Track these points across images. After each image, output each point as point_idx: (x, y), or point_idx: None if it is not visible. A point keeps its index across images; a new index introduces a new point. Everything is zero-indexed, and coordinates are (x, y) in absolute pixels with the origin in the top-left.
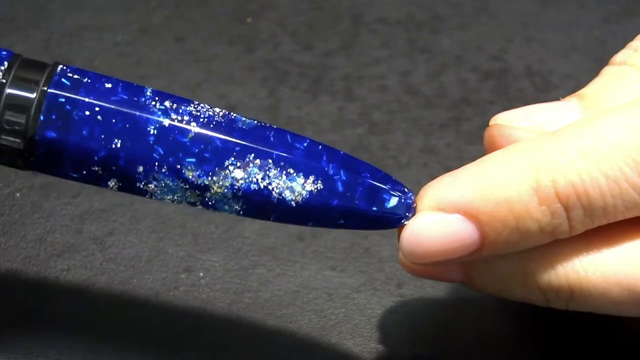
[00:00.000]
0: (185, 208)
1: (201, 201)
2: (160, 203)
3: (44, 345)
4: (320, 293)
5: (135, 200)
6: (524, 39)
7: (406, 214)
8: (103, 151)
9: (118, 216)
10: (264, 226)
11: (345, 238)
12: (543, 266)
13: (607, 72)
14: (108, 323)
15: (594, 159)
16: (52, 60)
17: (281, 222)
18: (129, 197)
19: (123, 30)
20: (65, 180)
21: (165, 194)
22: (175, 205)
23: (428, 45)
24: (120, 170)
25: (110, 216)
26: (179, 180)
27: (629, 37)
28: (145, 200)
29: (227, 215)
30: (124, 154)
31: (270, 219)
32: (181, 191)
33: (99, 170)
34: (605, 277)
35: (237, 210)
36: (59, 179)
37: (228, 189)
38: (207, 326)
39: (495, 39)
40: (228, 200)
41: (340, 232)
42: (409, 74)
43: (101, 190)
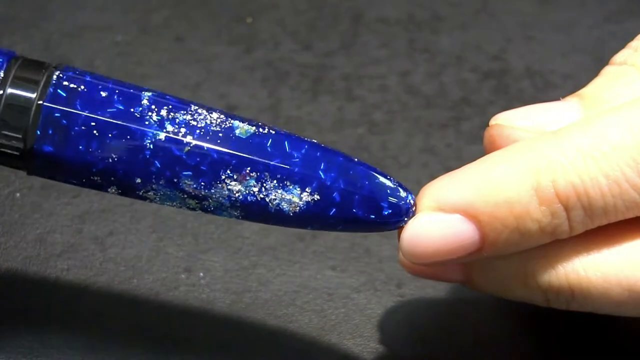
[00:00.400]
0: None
1: (200, 207)
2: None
3: (44, 345)
4: (320, 293)
5: (136, 200)
6: (524, 39)
7: (405, 216)
8: (100, 164)
9: (118, 216)
10: (264, 226)
11: (345, 238)
12: (543, 266)
13: (607, 72)
14: (108, 323)
15: (594, 159)
16: (52, 60)
17: (280, 226)
18: (129, 198)
19: (123, 30)
20: None
21: (164, 201)
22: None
23: (428, 45)
24: (119, 180)
25: (110, 216)
26: (177, 190)
27: (629, 37)
28: None
29: None
30: (121, 167)
31: (269, 223)
32: (180, 199)
33: (97, 180)
34: (605, 277)
35: (236, 216)
36: None
37: (226, 200)
38: (207, 326)
39: (495, 39)
40: (226, 208)
41: (340, 233)
42: (409, 74)
43: None
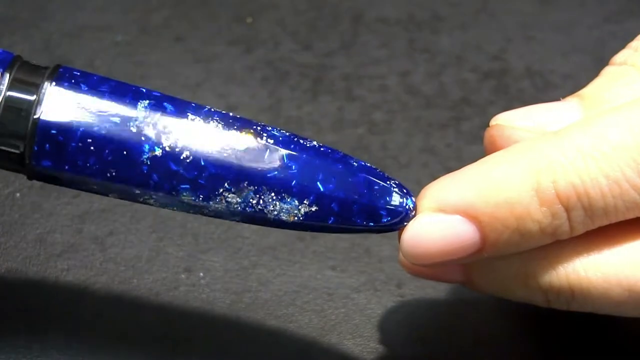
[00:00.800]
0: None
1: (200, 214)
2: None
3: (44, 345)
4: (320, 293)
5: None
6: (524, 39)
7: (405, 221)
8: (99, 177)
9: (118, 216)
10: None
11: (345, 238)
12: (544, 267)
13: (608, 72)
14: (108, 323)
15: (594, 159)
16: (52, 60)
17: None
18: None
19: (123, 30)
20: None
21: (164, 207)
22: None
23: (428, 45)
24: (119, 189)
25: (110, 216)
26: (177, 200)
27: (629, 37)
28: None
29: None
30: (119, 180)
31: (268, 227)
32: (180, 206)
33: (97, 189)
34: (605, 278)
35: (236, 221)
36: None
37: (225, 209)
38: (207, 326)
39: (495, 39)
40: (226, 215)
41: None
42: (409, 74)
43: None
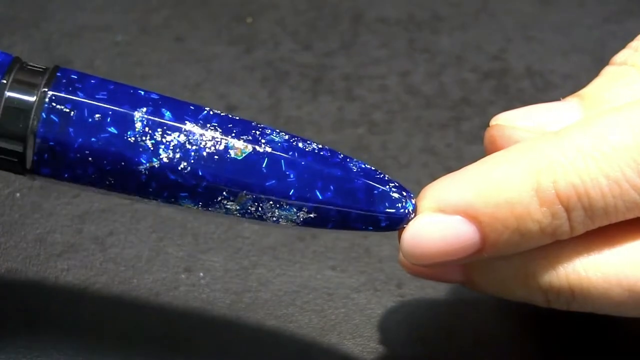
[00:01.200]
0: None
1: (202, 214)
2: None
3: (44, 345)
4: (320, 293)
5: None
6: (524, 39)
7: (404, 223)
8: (99, 184)
9: (118, 216)
10: (264, 226)
11: (345, 238)
12: (544, 267)
13: (608, 72)
14: (108, 323)
15: (594, 159)
16: (52, 60)
17: None
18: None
19: (123, 30)
20: None
21: (165, 206)
22: None
23: (428, 45)
24: (119, 194)
25: (110, 216)
26: (176, 205)
27: (629, 37)
28: None
29: None
30: (118, 188)
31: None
32: (180, 209)
33: (98, 191)
34: (605, 278)
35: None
36: None
37: (224, 213)
38: (207, 326)
39: (495, 39)
40: (227, 217)
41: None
42: (409, 74)
43: None
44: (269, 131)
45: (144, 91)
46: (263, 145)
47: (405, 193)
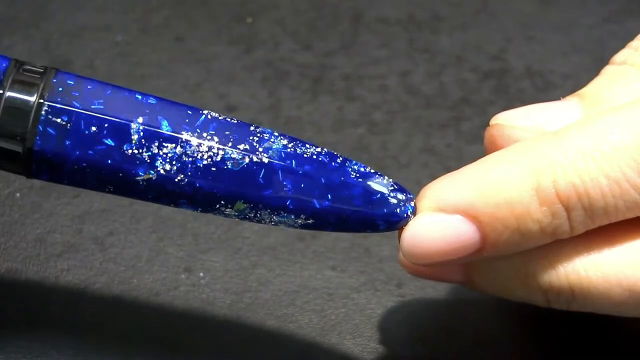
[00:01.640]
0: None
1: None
2: None
3: (44, 345)
4: (320, 293)
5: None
6: (524, 39)
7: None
8: (98, 190)
9: (118, 216)
10: (264, 226)
11: (345, 238)
12: (544, 267)
13: (608, 72)
14: (108, 323)
15: (594, 159)
16: (52, 61)
17: None
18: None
19: (123, 30)
20: None
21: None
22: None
23: (428, 45)
24: (119, 196)
25: (110, 216)
26: (177, 208)
27: (629, 37)
28: None
29: None
30: (118, 193)
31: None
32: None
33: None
34: (606, 278)
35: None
36: None
37: (225, 216)
38: (207, 326)
39: (495, 39)
40: (227, 218)
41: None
42: (409, 74)
43: None
44: (267, 136)
45: (141, 95)
46: (260, 154)
47: (404, 194)
